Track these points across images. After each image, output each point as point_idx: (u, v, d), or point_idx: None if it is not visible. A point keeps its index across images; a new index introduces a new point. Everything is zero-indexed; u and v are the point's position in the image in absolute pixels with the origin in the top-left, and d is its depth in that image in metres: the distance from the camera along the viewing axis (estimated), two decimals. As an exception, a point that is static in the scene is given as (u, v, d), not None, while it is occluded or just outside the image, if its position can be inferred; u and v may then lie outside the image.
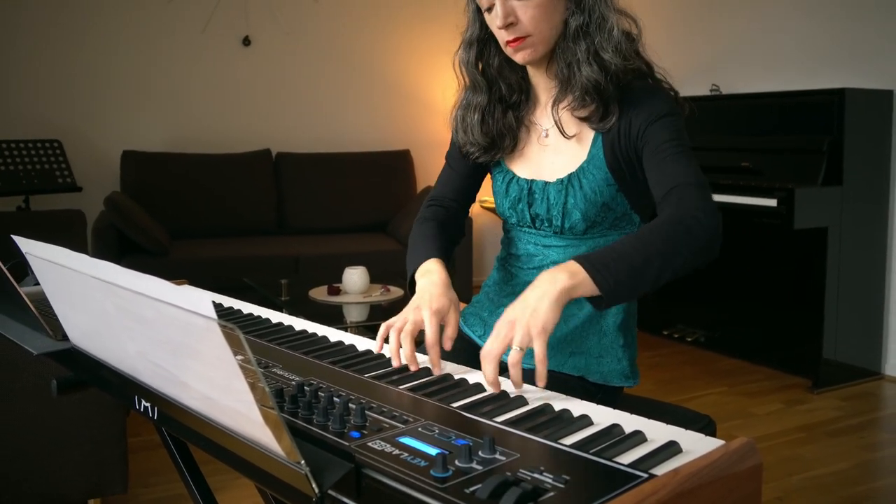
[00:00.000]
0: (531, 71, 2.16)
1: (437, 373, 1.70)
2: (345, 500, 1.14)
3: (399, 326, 1.80)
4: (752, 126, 5.65)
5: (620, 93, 2.00)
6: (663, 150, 1.92)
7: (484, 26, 2.10)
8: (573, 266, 1.64)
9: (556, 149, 2.13)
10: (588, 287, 1.63)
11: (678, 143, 1.93)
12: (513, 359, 1.55)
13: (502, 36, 2.01)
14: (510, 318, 1.62)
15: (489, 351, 1.59)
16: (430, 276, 2.01)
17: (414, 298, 1.95)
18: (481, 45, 2.15)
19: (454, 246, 2.32)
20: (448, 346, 1.82)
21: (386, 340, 1.81)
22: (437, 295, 1.90)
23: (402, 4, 7.94)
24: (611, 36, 1.96)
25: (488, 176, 2.37)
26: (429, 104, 8.09)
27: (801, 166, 5.15)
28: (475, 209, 7.36)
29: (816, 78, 5.71)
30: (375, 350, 1.83)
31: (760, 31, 6.16)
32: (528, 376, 1.59)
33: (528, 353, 1.79)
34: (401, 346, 1.75)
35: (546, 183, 2.11)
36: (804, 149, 5.17)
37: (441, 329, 1.85)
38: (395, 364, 1.74)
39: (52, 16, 6.68)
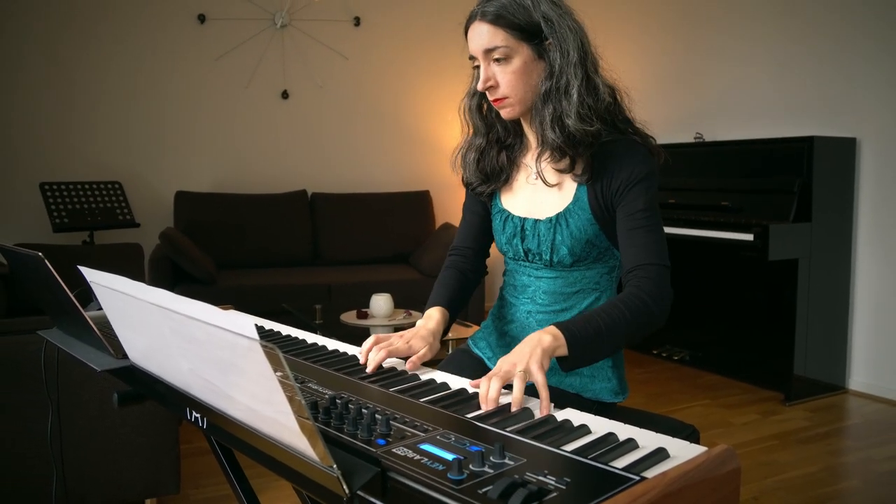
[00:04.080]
0: (522, 121, 2.19)
1: (362, 362, 1.89)
2: (372, 500, 1.14)
3: (383, 340, 1.95)
4: (732, 169, 5.64)
5: (594, 150, 2.01)
6: (636, 219, 1.98)
7: None
8: (556, 332, 1.73)
9: (544, 190, 2.15)
10: (563, 351, 1.73)
11: (650, 213, 1.99)
12: (518, 383, 1.57)
13: (487, 95, 2.08)
14: (511, 361, 1.65)
15: (491, 374, 1.60)
16: (427, 321, 2.16)
17: (406, 330, 2.08)
18: (482, 94, 2.18)
19: (472, 287, 2.44)
20: (409, 367, 1.92)
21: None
22: (420, 336, 2.05)
23: (422, 62, 7.99)
24: (571, 102, 1.96)
25: None
26: (446, 150, 8.06)
27: (774, 205, 5.14)
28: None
29: (788, 127, 5.72)
30: (360, 354, 1.93)
31: (739, 86, 6.17)
32: (531, 390, 1.61)
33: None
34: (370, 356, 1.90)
35: (537, 221, 2.13)
36: (777, 189, 5.16)
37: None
38: (361, 361, 1.89)
39: (116, 74, 6.75)
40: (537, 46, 1.98)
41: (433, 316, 2.17)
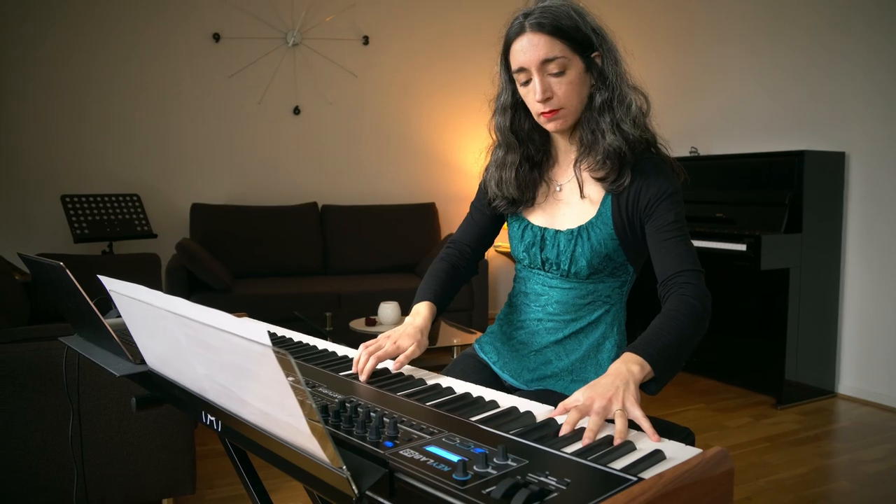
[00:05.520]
0: (554, 134, 2.15)
1: (355, 369, 1.84)
2: (380, 500, 1.14)
3: (370, 347, 1.90)
4: (726, 182, 5.64)
5: (634, 161, 2.00)
6: (668, 231, 1.94)
7: (516, 94, 2.08)
8: (640, 360, 1.64)
9: (567, 202, 2.12)
10: (650, 376, 1.65)
11: (680, 225, 1.95)
12: (619, 420, 1.42)
13: (537, 108, 2.00)
14: (606, 396, 1.51)
15: (584, 408, 1.47)
16: (415, 318, 2.13)
17: (393, 329, 2.05)
18: (514, 110, 2.13)
19: (462, 284, 2.39)
20: (395, 367, 1.90)
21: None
22: (407, 335, 2.01)
23: (428, 80, 8.00)
24: (629, 110, 1.97)
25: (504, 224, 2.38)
26: (450, 164, 8.12)
27: (766, 217, 5.14)
28: (490, 252, 7.38)
29: (780, 142, 5.73)
30: (354, 365, 1.88)
31: (732, 103, 6.18)
32: (544, 396, 1.60)
33: (549, 375, 2.04)
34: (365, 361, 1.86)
35: (557, 231, 2.10)
36: (769, 202, 5.17)
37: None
38: (354, 369, 1.84)
39: (135, 92, 6.77)
40: (587, 59, 1.96)
41: (421, 312, 2.14)
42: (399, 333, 2.00)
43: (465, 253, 2.39)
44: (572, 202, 2.11)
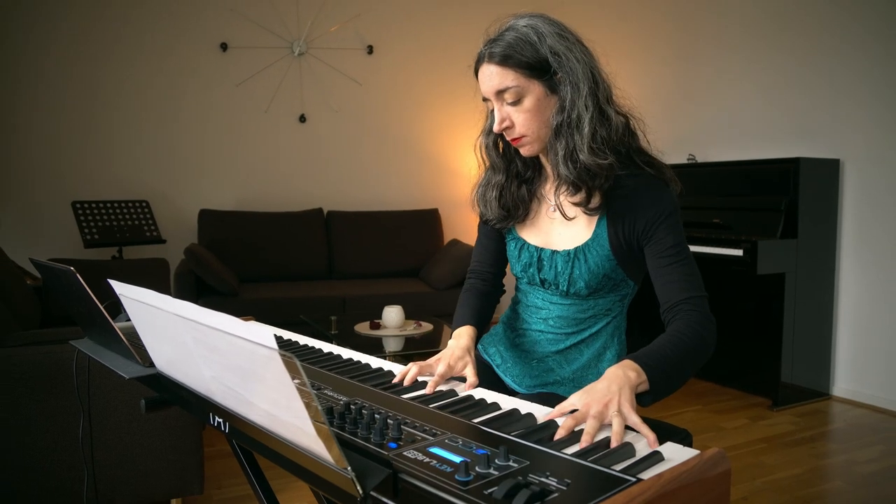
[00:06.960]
0: (540, 154, 2.07)
1: (396, 381, 1.80)
2: (384, 500, 1.14)
3: (421, 363, 1.87)
4: (723, 189, 5.64)
5: (612, 185, 1.92)
6: (669, 255, 1.89)
7: None
8: (637, 367, 1.62)
9: (562, 222, 2.06)
10: (645, 386, 1.62)
11: (680, 248, 1.90)
12: (616, 424, 1.39)
13: (504, 135, 1.99)
14: (602, 401, 1.49)
15: (581, 415, 1.45)
16: (459, 340, 2.05)
17: (443, 352, 1.98)
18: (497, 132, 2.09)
19: (494, 304, 2.35)
20: (467, 388, 1.79)
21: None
22: (456, 357, 1.93)
23: (430, 88, 8.01)
24: (583, 136, 1.85)
25: None
26: (453, 170, 8.13)
27: (763, 222, 5.14)
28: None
29: (776, 149, 5.74)
30: (397, 377, 1.83)
31: (729, 111, 6.19)
32: (545, 399, 1.60)
33: (552, 383, 2.04)
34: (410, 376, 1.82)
35: (554, 252, 2.05)
36: (765, 208, 5.17)
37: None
38: (395, 380, 1.79)
39: (144, 100, 6.79)
40: (549, 81, 1.88)
41: (462, 334, 2.09)
42: (448, 356, 1.94)
43: (486, 278, 2.36)
44: (567, 223, 2.06)
